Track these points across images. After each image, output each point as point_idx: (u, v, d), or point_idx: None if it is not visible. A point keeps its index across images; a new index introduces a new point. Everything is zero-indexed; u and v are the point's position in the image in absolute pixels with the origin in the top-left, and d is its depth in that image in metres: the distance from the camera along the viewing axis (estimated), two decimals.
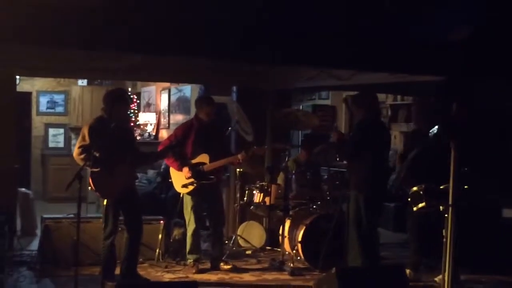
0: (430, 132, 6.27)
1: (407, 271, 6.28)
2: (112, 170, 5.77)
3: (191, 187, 6.68)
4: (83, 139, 5.81)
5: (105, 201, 5.86)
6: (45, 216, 7.14)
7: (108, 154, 5.73)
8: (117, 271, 6.10)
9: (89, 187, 5.76)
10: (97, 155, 5.62)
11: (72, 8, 4.53)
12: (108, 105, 5.94)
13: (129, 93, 12.82)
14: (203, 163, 6.69)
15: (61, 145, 12.81)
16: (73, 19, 4.56)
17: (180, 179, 6.73)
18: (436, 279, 6.47)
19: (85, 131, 5.84)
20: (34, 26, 4.51)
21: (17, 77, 11.39)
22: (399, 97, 10.94)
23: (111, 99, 5.95)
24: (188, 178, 6.66)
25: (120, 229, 6.12)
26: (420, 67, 5.56)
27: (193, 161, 6.71)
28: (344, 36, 5.35)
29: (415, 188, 5.99)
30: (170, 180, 7.00)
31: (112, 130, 5.72)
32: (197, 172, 6.66)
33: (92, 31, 4.65)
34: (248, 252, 7.77)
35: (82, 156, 5.71)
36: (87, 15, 4.58)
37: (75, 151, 5.82)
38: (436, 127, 6.19)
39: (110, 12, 4.64)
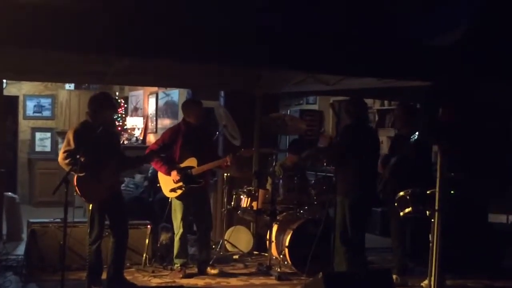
0: (412, 138, 6.31)
1: (394, 276, 6.30)
2: (97, 174, 5.76)
3: (179, 191, 6.67)
4: (68, 144, 5.79)
5: (91, 205, 5.84)
6: (31, 220, 7.09)
7: (93, 159, 5.72)
8: (104, 275, 6.09)
9: (75, 192, 5.73)
10: (83, 159, 5.61)
11: (61, 11, 4.53)
12: (93, 110, 5.94)
13: (116, 97, 12.81)
14: (192, 167, 6.69)
15: (48, 149, 12.74)
16: (62, 22, 4.56)
17: (168, 183, 6.72)
18: (423, 283, 6.50)
19: (70, 136, 5.81)
20: (23, 29, 4.50)
21: (4, 80, 11.39)
22: (386, 102, 10.99)
23: (96, 104, 5.95)
24: (177, 182, 6.65)
25: (106, 233, 6.11)
26: (407, 72, 5.58)
27: (181, 165, 6.70)
28: (332, 41, 5.37)
29: (401, 193, 6.01)
30: (158, 185, 6.99)
31: (97, 135, 5.70)
32: (185, 176, 6.66)
33: (81, 35, 4.65)
34: (235, 256, 7.76)
35: (67, 161, 5.69)
36: (76, 19, 4.58)
37: (60, 156, 5.80)
38: (417, 132, 6.24)
39: (101, 16, 4.64)
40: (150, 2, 4.87)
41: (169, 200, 6.88)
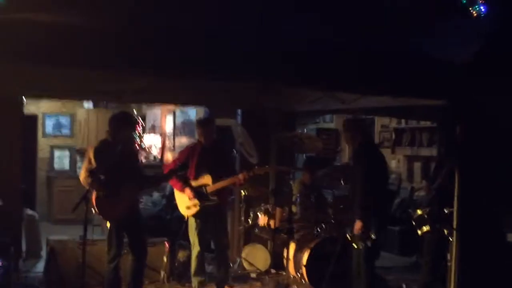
0: None
1: None
2: (116, 193, 5.79)
3: (194, 209, 6.68)
4: (89, 162, 5.84)
5: (109, 224, 5.88)
6: (50, 238, 7.15)
7: (113, 177, 5.75)
8: None
9: (93, 210, 5.76)
10: (102, 177, 5.65)
11: (78, 30, 4.60)
12: (114, 128, 5.99)
13: (135, 116, 12.90)
14: (206, 185, 6.71)
15: (67, 167, 12.84)
16: (80, 41, 4.63)
17: (184, 201, 6.74)
18: None
19: (90, 154, 5.87)
20: (42, 48, 4.57)
21: (23, 99, 11.52)
22: (403, 120, 10.96)
23: (117, 122, 6.01)
24: (191, 199, 6.68)
25: (125, 251, 6.14)
26: (423, 91, 5.59)
27: (196, 183, 6.72)
28: (348, 59, 5.40)
29: (419, 212, 6.00)
30: (175, 202, 7.02)
31: (117, 153, 5.76)
32: (200, 193, 6.67)
33: (98, 53, 4.71)
34: (253, 275, 7.75)
35: (90, 179, 5.73)
36: (93, 38, 4.65)
37: (82, 174, 5.85)
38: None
39: (116, 36, 4.70)
40: (168, 21, 4.92)
41: (186, 218, 6.91)
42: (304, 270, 6.90)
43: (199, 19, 4.96)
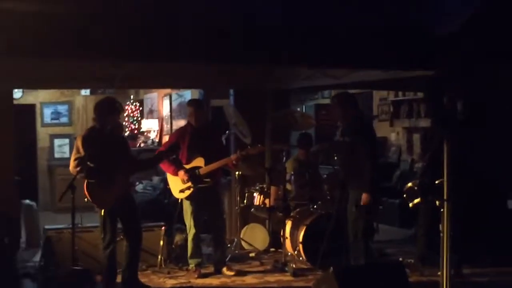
0: None
1: (411, 261, 6.29)
2: (107, 179, 5.78)
3: (188, 192, 6.68)
4: (78, 151, 5.82)
5: (102, 211, 5.88)
6: (46, 227, 7.17)
7: (102, 164, 5.75)
8: (119, 279, 6.13)
9: (85, 198, 5.76)
10: (92, 165, 5.64)
11: (67, 18, 4.58)
12: (100, 115, 5.97)
13: (132, 101, 12.94)
14: (199, 167, 6.69)
15: (67, 155, 12.77)
16: (68, 29, 4.61)
17: (177, 184, 6.74)
18: (440, 273, 6.43)
19: (78, 143, 5.85)
20: (30, 39, 4.56)
21: (21, 90, 11.52)
22: (400, 93, 10.89)
23: (101, 109, 5.99)
24: (185, 182, 6.66)
25: (120, 237, 6.15)
26: (410, 63, 5.55)
27: (189, 165, 6.71)
28: (334, 35, 5.36)
29: (409, 184, 5.98)
30: (168, 186, 7.02)
31: (105, 139, 5.74)
32: (193, 176, 6.65)
33: (88, 41, 4.70)
34: (252, 254, 7.76)
35: (79, 168, 5.72)
36: (83, 25, 4.63)
37: (71, 164, 5.82)
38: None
39: (107, 21, 4.68)
40: (152, 4, 4.89)
41: (179, 201, 6.90)
42: (300, 247, 6.90)
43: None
